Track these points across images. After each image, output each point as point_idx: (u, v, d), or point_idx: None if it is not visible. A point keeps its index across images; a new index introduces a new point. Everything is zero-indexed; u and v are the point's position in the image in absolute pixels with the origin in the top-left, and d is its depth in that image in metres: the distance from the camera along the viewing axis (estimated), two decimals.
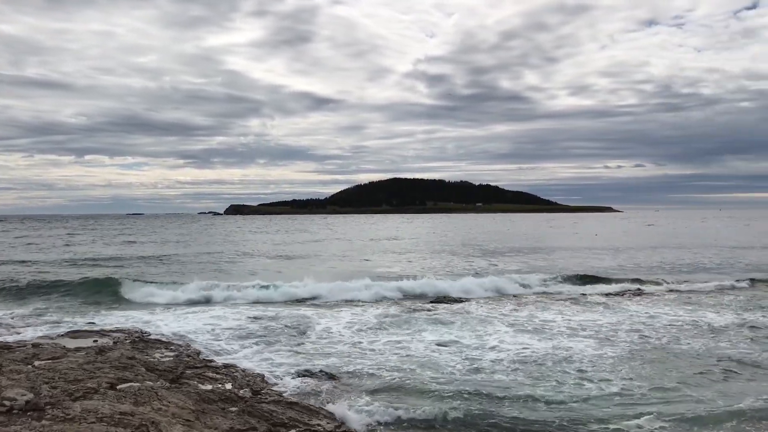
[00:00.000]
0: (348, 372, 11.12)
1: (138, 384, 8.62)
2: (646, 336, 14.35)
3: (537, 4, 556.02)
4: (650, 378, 10.79)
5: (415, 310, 17.96)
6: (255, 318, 16.47)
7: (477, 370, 11.27)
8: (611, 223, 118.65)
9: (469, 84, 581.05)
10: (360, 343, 13.69)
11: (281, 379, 10.45)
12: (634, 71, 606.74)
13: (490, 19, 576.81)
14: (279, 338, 13.96)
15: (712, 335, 14.46)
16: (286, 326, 15.32)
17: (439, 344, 13.42)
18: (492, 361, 11.90)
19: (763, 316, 17.10)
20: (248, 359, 11.88)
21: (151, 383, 8.81)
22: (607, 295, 21.52)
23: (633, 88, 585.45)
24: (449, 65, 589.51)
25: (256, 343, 13.34)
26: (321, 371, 10.89)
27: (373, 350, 12.92)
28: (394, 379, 10.68)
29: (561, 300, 20.36)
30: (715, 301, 19.86)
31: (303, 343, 13.53)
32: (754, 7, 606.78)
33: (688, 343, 13.55)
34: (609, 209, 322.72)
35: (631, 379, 10.73)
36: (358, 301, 19.97)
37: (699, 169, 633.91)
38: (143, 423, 6.75)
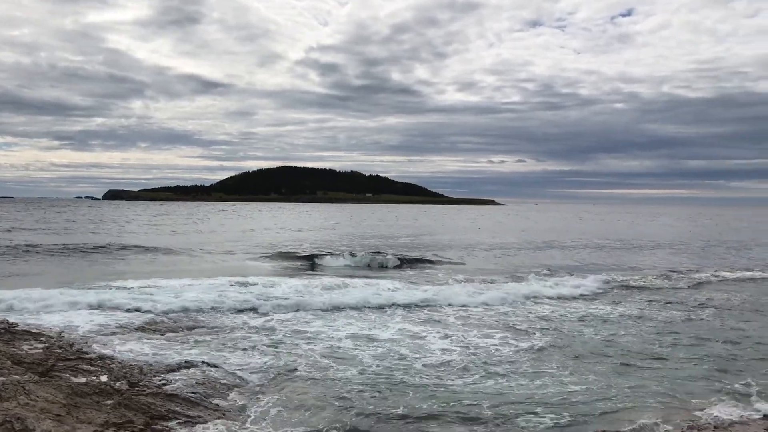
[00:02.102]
0: (232, 363, 11.00)
1: (2, 378, 8.12)
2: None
3: None
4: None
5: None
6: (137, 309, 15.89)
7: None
8: (504, 217, 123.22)
9: (361, 75, 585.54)
10: (250, 335, 13.58)
11: (161, 370, 10.17)
12: (518, 70, 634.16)
13: (383, 11, 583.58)
14: (160, 330, 13.56)
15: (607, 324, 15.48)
16: (169, 319, 14.88)
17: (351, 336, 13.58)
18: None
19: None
20: (126, 350, 11.45)
21: (17, 377, 8.33)
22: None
23: (517, 86, 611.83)
24: (342, 55, 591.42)
25: (136, 335, 12.90)
26: (203, 362, 10.70)
27: (251, 341, 12.86)
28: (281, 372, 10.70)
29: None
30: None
31: (187, 336, 13.22)
32: (629, 14, 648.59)
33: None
34: (492, 202, 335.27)
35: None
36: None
37: (576, 166, 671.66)
38: (7, 420, 6.40)
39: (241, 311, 15.84)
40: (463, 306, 17.36)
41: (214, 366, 10.52)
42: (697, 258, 34.57)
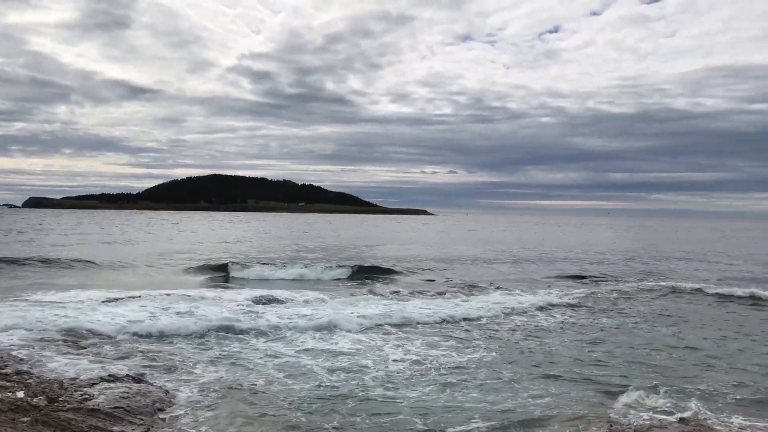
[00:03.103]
0: (161, 378, 10.70)
1: None
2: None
3: (362, 10, 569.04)
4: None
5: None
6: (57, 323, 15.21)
7: None
8: (444, 228, 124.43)
9: (294, 83, 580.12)
10: (182, 350, 13.21)
11: (83, 385, 9.79)
12: (450, 83, 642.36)
13: (317, 21, 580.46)
14: (82, 344, 13.04)
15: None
16: (92, 333, 14.28)
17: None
18: None
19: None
20: (45, 365, 10.96)
21: None
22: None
23: (448, 98, 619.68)
24: (274, 63, 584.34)
25: (56, 349, 12.35)
26: (127, 375, 10.37)
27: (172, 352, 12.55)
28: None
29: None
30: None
31: (112, 350, 12.77)
32: (555, 31, 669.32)
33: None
34: (424, 212, 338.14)
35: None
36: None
37: (505, 177, 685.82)
38: None
39: (174, 326, 15.41)
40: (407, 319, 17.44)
41: (140, 380, 10.21)
42: (622, 266, 35.80)
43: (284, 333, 14.75)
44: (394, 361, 12.46)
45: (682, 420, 9.00)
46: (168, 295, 19.28)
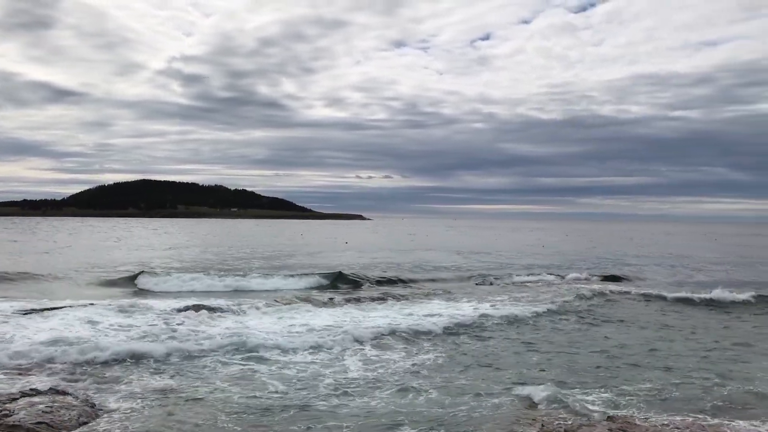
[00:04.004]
0: (86, 390, 10.33)
1: None
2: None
3: (295, 14, 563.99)
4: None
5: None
6: None
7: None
8: (384, 231, 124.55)
9: (226, 87, 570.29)
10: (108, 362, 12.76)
11: (2, 400, 9.33)
12: (384, 88, 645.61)
13: (250, 24, 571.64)
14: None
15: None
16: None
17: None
18: None
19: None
20: None
21: None
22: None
23: (383, 103, 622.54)
24: (206, 66, 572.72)
25: None
26: (51, 389, 9.94)
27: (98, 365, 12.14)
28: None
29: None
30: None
31: (35, 365, 12.23)
32: (487, 38, 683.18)
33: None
34: (360, 217, 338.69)
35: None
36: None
37: (439, 182, 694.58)
38: None
39: (98, 338, 14.90)
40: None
41: (66, 393, 9.82)
42: (562, 269, 36.71)
43: (206, 343, 14.48)
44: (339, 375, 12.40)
45: (609, 418, 9.29)
46: (90, 305, 18.65)
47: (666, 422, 9.16)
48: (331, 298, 22.54)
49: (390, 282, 29.11)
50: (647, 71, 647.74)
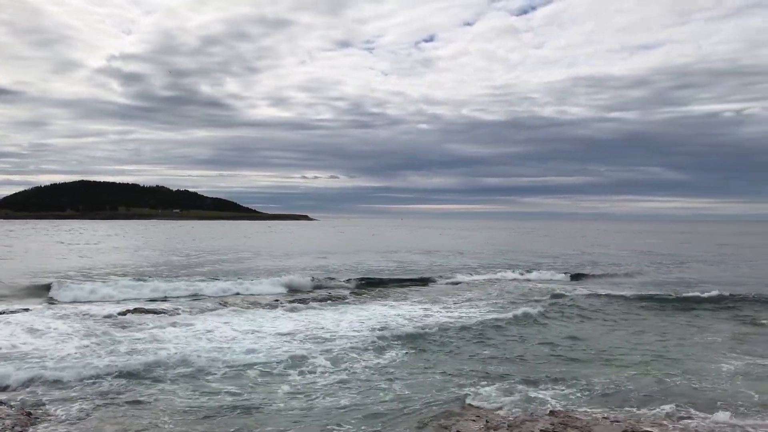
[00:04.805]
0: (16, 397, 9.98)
1: None
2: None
3: (238, 13, 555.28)
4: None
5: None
6: None
7: None
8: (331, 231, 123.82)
9: (167, 86, 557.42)
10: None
11: None
12: (329, 88, 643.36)
13: (192, 22, 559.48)
14: None
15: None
16: None
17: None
18: None
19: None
20: None
21: None
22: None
23: (328, 103, 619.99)
24: (147, 65, 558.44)
25: None
26: None
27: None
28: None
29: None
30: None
31: None
32: (431, 40, 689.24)
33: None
34: (306, 217, 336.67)
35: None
36: None
37: (385, 182, 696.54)
38: None
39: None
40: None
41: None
42: (505, 268, 37.22)
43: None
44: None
45: (552, 413, 9.52)
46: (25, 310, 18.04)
47: (606, 415, 9.44)
48: (276, 301, 22.41)
49: (338, 286, 28.93)
50: (586, 73, 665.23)
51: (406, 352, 14.08)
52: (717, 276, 33.37)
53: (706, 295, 23.29)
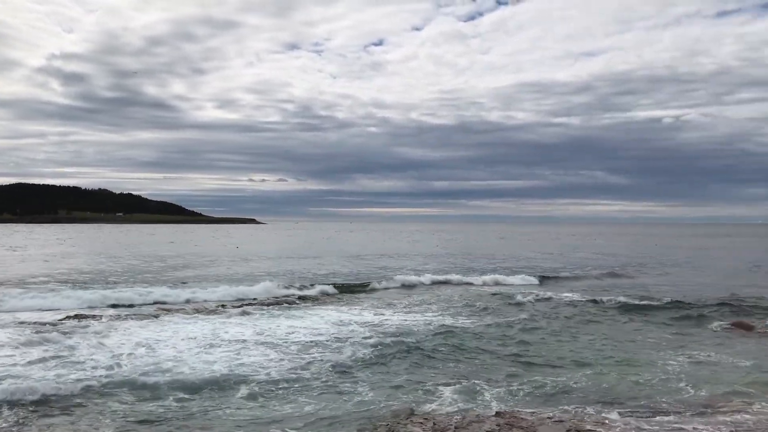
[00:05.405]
0: None
1: None
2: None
3: (184, 13, 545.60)
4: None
5: None
6: None
7: None
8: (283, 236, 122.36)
9: (111, 87, 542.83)
10: None
11: None
12: (277, 90, 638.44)
13: (136, 22, 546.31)
14: None
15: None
16: None
17: None
18: None
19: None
20: None
21: None
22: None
23: (276, 106, 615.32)
24: (89, 65, 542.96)
25: None
26: None
27: None
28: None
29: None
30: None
31: None
32: (380, 43, 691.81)
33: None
34: (253, 221, 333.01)
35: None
36: None
37: (334, 185, 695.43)
38: None
39: None
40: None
41: None
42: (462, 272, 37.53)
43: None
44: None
45: (498, 413, 9.62)
46: None
47: (550, 415, 9.60)
48: (223, 306, 22.08)
49: (290, 294, 28.60)
50: (532, 79, 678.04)
51: (361, 357, 14.00)
52: (666, 279, 34.50)
53: (656, 301, 23.47)
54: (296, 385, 11.60)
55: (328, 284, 28.89)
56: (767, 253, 61.92)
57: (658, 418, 9.71)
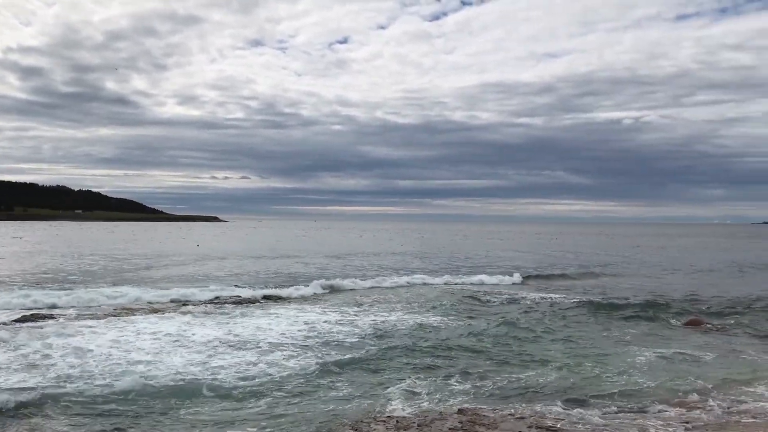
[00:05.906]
0: None
1: None
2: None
3: (146, 8, 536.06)
4: None
5: None
6: None
7: None
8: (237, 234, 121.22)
9: (70, 81, 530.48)
10: None
11: None
12: (241, 87, 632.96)
13: (96, 16, 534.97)
14: None
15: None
16: None
17: None
18: None
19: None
20: None
21: None
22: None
23: (240, 102, 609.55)
24: (47, 59, 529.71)
25: None
26: None
27: None
28: None
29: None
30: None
31: None
32: (345, 41, 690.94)
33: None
34: (216, 219, 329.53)
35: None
36: None
37: (298, 183, 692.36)
38: None
39: None
40: None
41: None
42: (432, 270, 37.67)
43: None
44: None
45: (460, 411, 9.73)
46: None
47: (512, 412, 9.74)
48: (185, 305, 21.84)
49: (252, 295, 28.40)
50: (495, 80, 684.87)
51: (328, 357, 13.97)
52: (631, 279, 35.26)
53: (622, 300, 23.83)
54: (264, 386, 11.52)
55: (294, 285, 28.60)
56: (725, 253, 63.60)
57: (620, 414, 9.93)
